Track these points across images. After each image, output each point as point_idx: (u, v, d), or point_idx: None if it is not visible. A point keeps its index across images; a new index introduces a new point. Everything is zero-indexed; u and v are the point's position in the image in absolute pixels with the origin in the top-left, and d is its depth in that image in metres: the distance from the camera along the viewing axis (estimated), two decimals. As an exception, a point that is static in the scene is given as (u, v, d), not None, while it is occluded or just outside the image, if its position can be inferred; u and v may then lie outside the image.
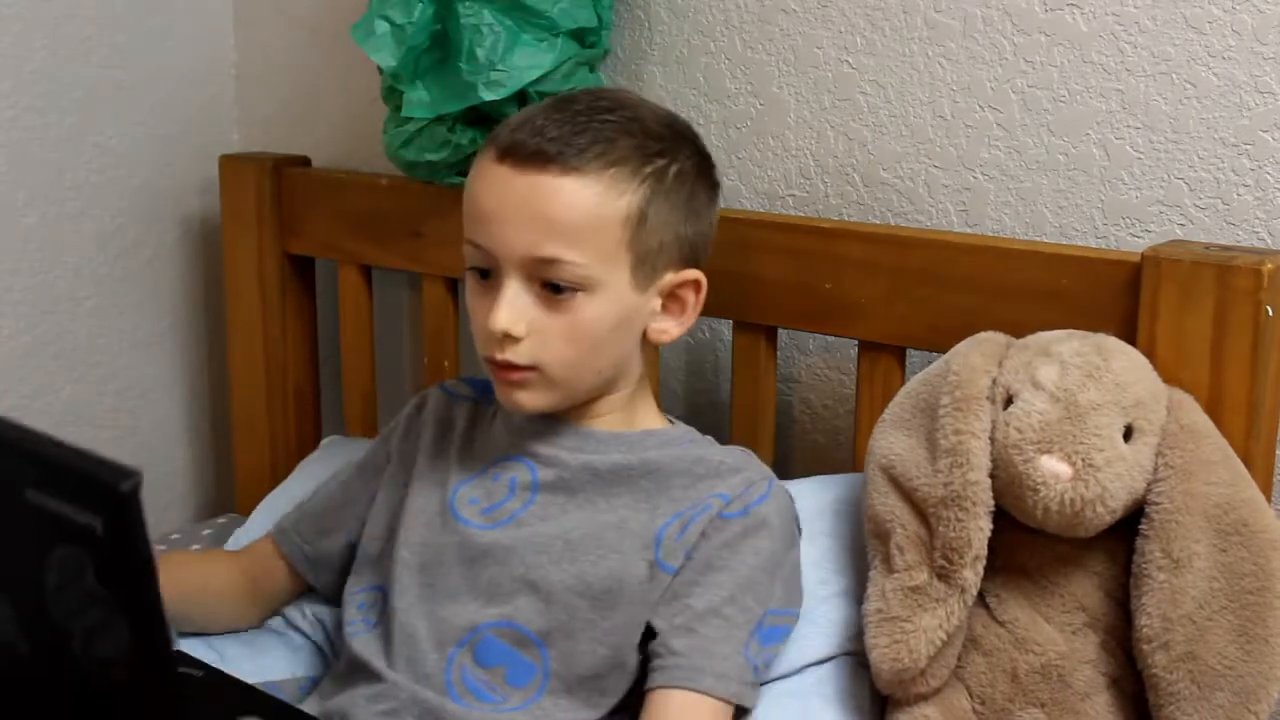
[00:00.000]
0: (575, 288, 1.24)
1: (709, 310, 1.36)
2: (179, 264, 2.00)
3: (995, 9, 1.47)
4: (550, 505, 1.31)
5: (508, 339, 1.24)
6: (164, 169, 1.96)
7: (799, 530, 1.34)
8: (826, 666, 1.32)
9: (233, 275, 1.89)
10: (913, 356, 1.47)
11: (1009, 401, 1.25)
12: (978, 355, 1.28)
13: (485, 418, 1.39)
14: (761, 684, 1.27)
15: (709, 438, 1.38)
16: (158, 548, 1.77)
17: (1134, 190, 1.43)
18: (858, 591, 1.33)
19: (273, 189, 1.84)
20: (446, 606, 1.29)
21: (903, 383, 1.39)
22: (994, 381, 1.26)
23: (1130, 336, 1.29)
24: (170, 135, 1.96)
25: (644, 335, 1.31)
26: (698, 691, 1.22)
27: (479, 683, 1.26)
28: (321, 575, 1.46)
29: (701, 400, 1.72)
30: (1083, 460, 1.20)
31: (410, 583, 1.32)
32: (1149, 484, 1.22)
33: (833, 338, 1.59)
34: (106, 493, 0.76)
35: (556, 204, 1.23)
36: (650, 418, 1.37)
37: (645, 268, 1.27)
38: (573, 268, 1.23)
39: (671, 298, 1.31)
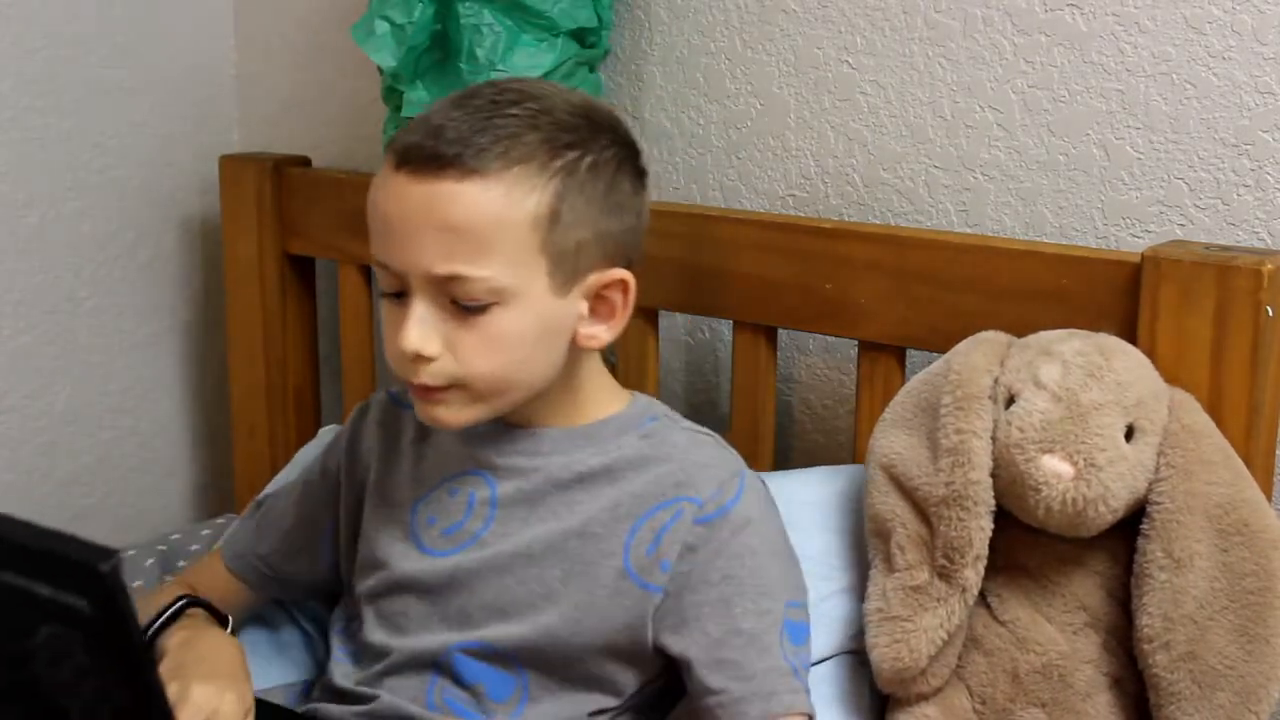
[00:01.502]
0: (487, 301, 1.14)
1: (709, 310, 1.35)
2: (179, 264, 2.00)
3: (995, 9, 1.47)
4: (510, 521, 1.23)
5: (420, 359, 1.15)
6: (164, 169, 1.96)
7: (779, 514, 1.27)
8: (827, 665, 1.32)
9: (233, 275, 1.89)
10: (913, 357, 1.47)
11: (1010, 401, 1.25)
12: (979, 354, 1.28)
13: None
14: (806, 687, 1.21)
15: (672, 415, 1.28)
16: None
17: (1134, 190, 1.43)
18: (859, 588, 1.32)
19: (273, 189, 1.84)
20: (420, 636, 1.25)
21: (903, 383, 1.39)
22: (995, 381, 1.26)
23: (1130, 337, 1.29)
24: (170, 135, 1.96)
25: (573, 341, 1.21)
26: None
27: (460, 701, 1.23)
28: (289, 592, 1.42)
29: (701, 400, 1.72)
30: (1084, 460, 1.20)
31: (380, 616, 1.27)
32: (1150, 484, 1.22)
33: (833, 338, 1.59)
34: (88, 575, 0.76)
35: (456, 213, 1.13)
36: (605, 403, 1.26)
37: (564, 270, 1.16)
38: (480, 283, 1.13)
39: (599, 299, 1.20)
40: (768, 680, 1.17)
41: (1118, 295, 1.31)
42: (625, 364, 1.62)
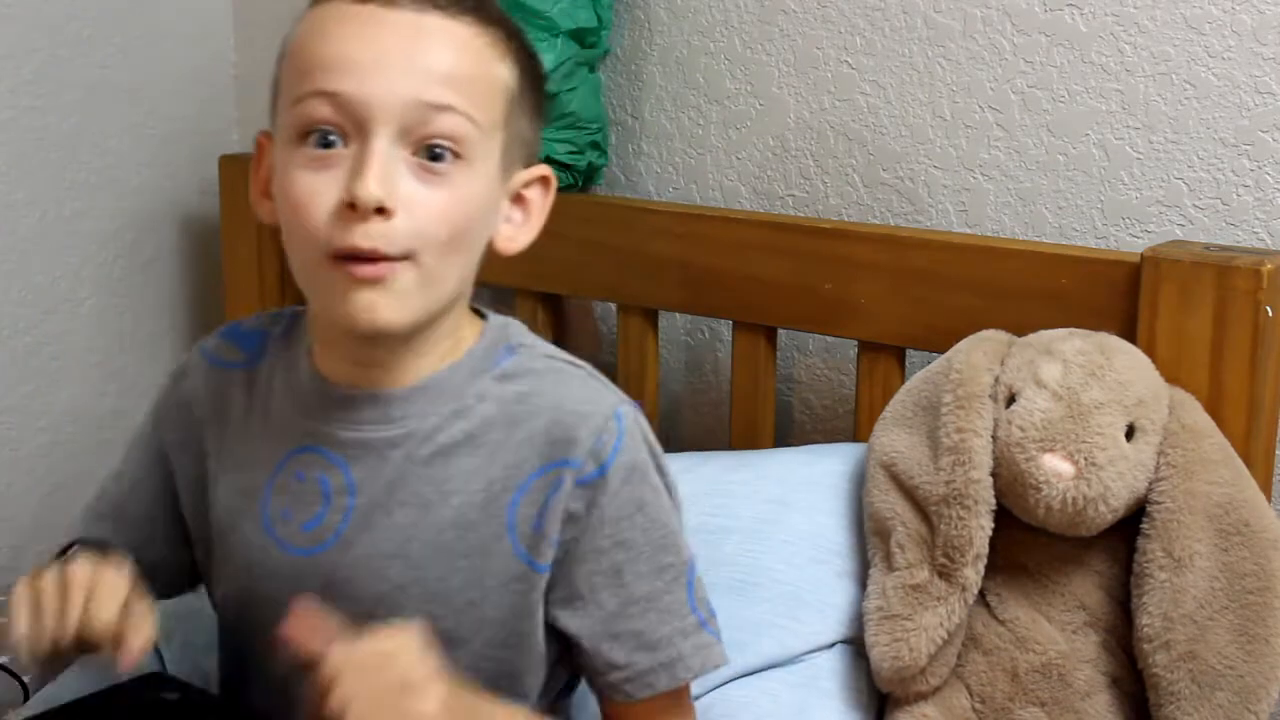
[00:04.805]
0: (456, 153, 1.04)
1: (709, 311, 1.35)
2: (179, 264, 2.00)
3: (995, 9, 1.47)
4: (373, 511, 1.10)
5: (378, 215, 1.01)
6: (164, 169, 1.96)
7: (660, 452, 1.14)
8: (825, 657, 1.31)
9: (233, 275, 1.89)
10: (912, 356, 1.47)
11: (1011, 400, 1.25)
12: (980, 353, 1.28)
13: (262, 387, 1.16)
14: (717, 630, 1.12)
15: (531, 340, 1.16)
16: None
17: (1134, 190, 1.43)
18: (858, 573, 1.32)
19: (273, 189, 1.83)
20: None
21: (902, 383, 1.39)
22: (996, 380, 1.26)
23: (1130, 337, 1.29)
24: (170, 135, 1.95)
25: (490, 244, 1.11)
26: (657, 693, 1.10)
27: None
28: (156, 586, 1.11)
29: (701, 400, 1.72)
30: (1085, 459, 1.20)
31: (248, 623, 1.14)
32: (1150, 483, 1.23)
33: (833, 338, 1.59)
34: None
35: (446, 46, 1.05)
36: (462, 338, 1.13)
37: (508, 157, 1.09)
38: (463, 121, 1.04)
39: (518, 199, 1.12)
40: (672, 646, 1.10)
41: (1117, 295, 1.31)
42: (625, 364, 1.62)
